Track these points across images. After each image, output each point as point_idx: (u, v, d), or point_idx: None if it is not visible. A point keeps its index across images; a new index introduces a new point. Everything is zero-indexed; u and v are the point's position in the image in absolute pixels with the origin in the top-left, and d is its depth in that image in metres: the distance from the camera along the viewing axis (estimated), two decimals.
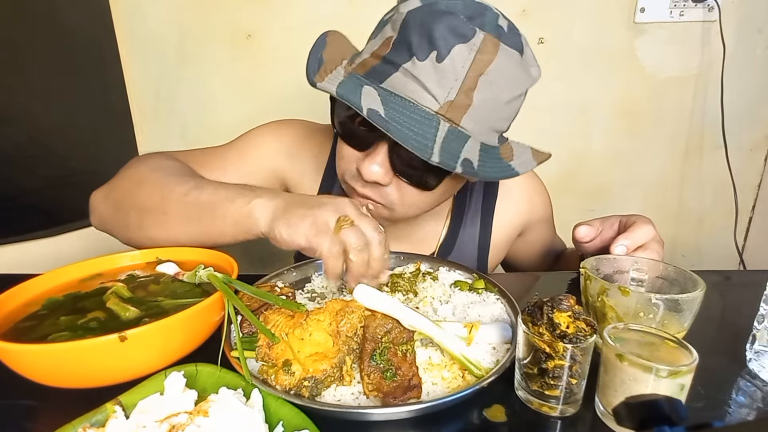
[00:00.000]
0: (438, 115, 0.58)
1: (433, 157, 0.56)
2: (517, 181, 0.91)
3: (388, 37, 0.61)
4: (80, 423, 0.41)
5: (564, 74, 1.44)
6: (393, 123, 0.55)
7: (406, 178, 0.65)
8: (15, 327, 0.50)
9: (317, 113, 1.52)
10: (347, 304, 0.52)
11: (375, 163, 0.63)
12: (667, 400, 0.28)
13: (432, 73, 0.57)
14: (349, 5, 1.38)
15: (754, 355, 0.53)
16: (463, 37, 0.56)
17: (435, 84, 0.57)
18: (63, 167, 1.29)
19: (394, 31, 0.60)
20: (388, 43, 0.60)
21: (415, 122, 0.57)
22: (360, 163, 0.65)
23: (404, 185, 0.66)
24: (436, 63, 0.56)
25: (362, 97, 0.56)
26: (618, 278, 0.61)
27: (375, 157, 0.63)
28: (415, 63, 0.57)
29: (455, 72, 0.57)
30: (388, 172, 0.64)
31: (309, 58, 0.63)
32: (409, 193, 0.67)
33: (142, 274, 0.62)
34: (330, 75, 0.61)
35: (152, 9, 1.40)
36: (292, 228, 0.55)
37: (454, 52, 0.56)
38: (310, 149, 0.87)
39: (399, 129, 0.55)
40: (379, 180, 0.64)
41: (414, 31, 0.57)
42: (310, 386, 0.44)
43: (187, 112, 1.51)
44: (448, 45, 0.56)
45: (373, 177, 0.63)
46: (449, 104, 0.58)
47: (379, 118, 0.55)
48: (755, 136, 1.51)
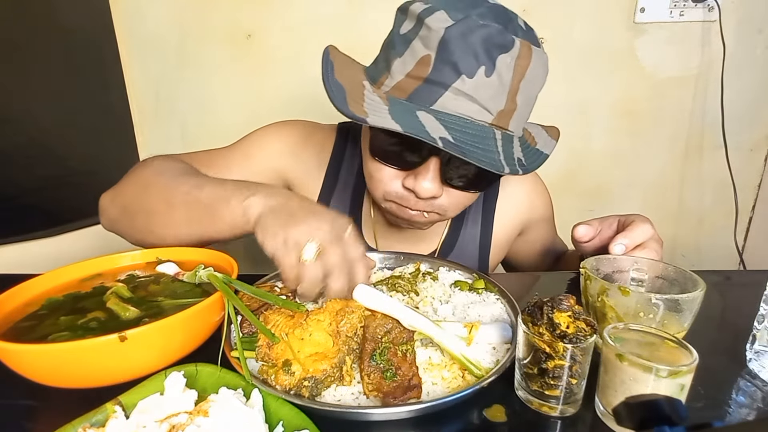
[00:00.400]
0: (492, 126, 0.61)
1: (504, 169, 0.59)
2: (518, 181, 0.91)
3: (424, 56, 0.59)
4: (80, 423, 0.41)
5: (564, 74, 1.44)
6: (463, 146, 0.57)
7: (457, 187, 0.68)
8: (15, 327, 0.50)
9: (317, 113, 1.52)
10: (347, 304, 0.52)
11: (427, 180, 0.65)
12: (667, 400, 0.28)
13: (483, 89, 0.58)
14: (349, 5, 1.38)
15: (754, 355, 0.53)
16: (504, 47, 0.58)
17: (488, 99, 0.59)
18: (63, 167, 1.29)
19: (430, 49, 0.58)
20: (426, 62, 0.59)
21: (478, 139, 0.59)
22: (410, 182, 0.67)
23: (453, 192, 0.69)
24: (485, 78, 0.58)
25: (425, 124, 0.57)
26: (618, 278, 0.61)
27: (427, 174, 0.65)
28: (464, 81, 0.58)
29: (502, 83, 0.59)
30: (440, 185, 0.66)
31: (327, 84, 0.61)
32: (459, 197, 0.70)
33: (142, 274, 0.62)
34: (366, 103, 0.60)
35: (152, 9, 1.40)
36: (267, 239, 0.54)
37: (499, 64, 0.58)
38: (312, 148, 0.87)
39: (472, 151, 0.57)
40: (435, 194, 0.66)
41: (457, 48, 0.57)
42: (310, 386, 0.44)
43: (187, 112, 1.51)
44: (493, 58, 0.58)
45: (430, 193, 0.65)
46: (500, 113, 0.61)
47: (453, 145, 0.56)
48: (755, 136, 1.51)
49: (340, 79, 0.62)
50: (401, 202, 0.70)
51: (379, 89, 0.64)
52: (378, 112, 0.59)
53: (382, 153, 0.67)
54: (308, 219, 0.53)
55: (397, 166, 0.68)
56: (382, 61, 0.66)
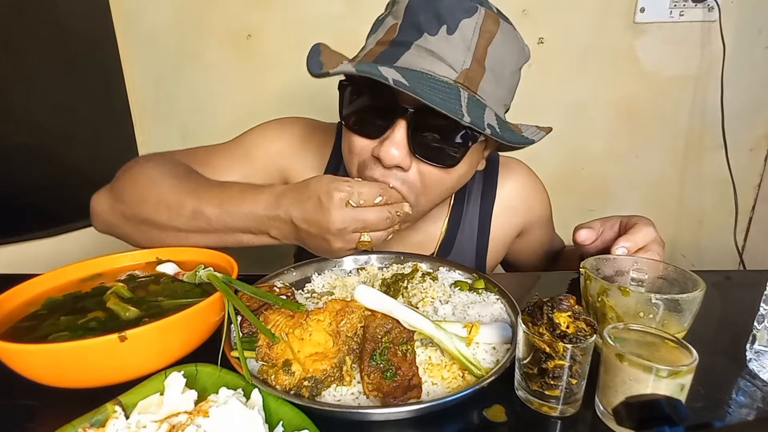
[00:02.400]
0: (457, 84, 0.60)
1: (465, 117, 0.57)
2: (516, 183, 0.91)
3: (392, 24, 0.63)
4: (80, 423, 0.41)
5: (564, 74, 1.44)
6: (419, 90, 0.56)
7: (426, 158, 0.64)
8: (15, 327, 0.50)
9: (317, 113, 1.52)
10: (347, 304, 0.52)
11: (393, 145, 0.62)
12: (667, 400, 0.28)
13: (445, 45, 0.60)
14: (348, 5, 1.38)
15: (754, 355, 0.53)
16: (468, 11, 0.60)
17: (449, 53, 0.60)
18: (63, 167, 1.29)
19: (397, 18, 0.62)
20: (393, 29, 0.62)
21: (439, 90, 0.58)
22: (377, 149, 0.64)
23: (425, 167, 0.66)
24: (447, 35, 0.59)
25: (384, 73, 0.56)
26: (618, 278, 0.61)
27: (393, 139, 0.62)
28: (426, 38, 0.60)
29: (466, 42, 0.60)
30: (407, 154, 0.64)
31: (309, 61, 0.62)
32: (430, 174, 0.66)
33: (142, 274, 0.62)
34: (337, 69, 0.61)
35: (152, 9, 1.40)
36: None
37: (463, 25, 0.60)
38: (312, 147, 0.87)
39: (427, 94, 0.56)
40: (400, 162, 0.63)
41: (420, 10, 0.60)
42: (310, 386, 0.44)
43: (187, 112, 1.51)
44: (456, 19, 0.59)
45: (394, 160, 0.63)
46: (465, 72, 0.60)
47: (405, 86, 0.55)
48: (755, 136, 1.51)
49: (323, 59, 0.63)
50: (369, 173, 0.66)
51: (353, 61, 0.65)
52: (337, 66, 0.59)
53: (352, 121, 0.67)
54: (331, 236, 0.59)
55: (366, 134, 0.66)
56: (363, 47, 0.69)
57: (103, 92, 1.39)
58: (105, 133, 1.40)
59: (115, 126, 1.45)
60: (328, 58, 0.64)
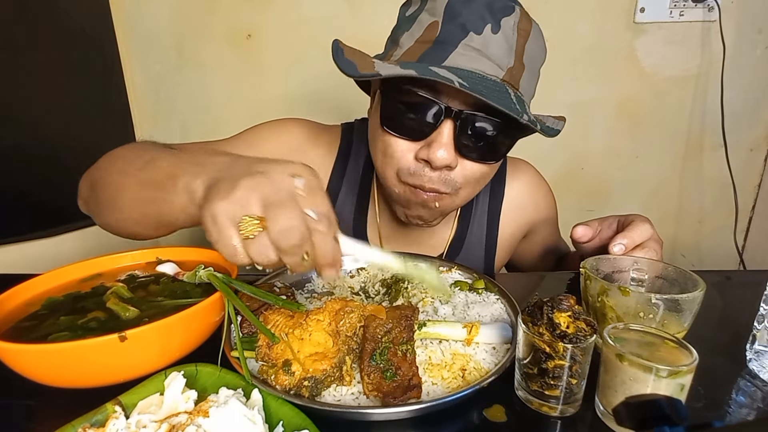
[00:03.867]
0: (504, 83, 0.61)
1: (523, 116, 0.59)
2: (524, 182, 0.91)
3: (431, 22, 0.62)
4: (80, 423, 0.41)
5: (564, 74, 1.44)
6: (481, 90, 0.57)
7: (472, 156, 0.66)
8: (15, 327, 0.50)
9: (317, 113, 1.52)
10: (347, 304, 0.52)
11: (442, 147, 0.63)
12: (667, 400, 0.28)
13: (492, 45, 0.60)
14: (349, 5, 1.38)
15: (754, 355, 0.53)
16: (506, 10, 0.62)
17: (496, 52, 0.61)
18: (63, 167, 1.28)
19: (437, 16, 0.62)
20: (434, 27, 0.62)
21: (493, 90, 0.58)
22: (424, 152, 0.64)
23: (468, 164, 0.67)
24: (493, 35, 0.60)
25: (440, 74, 0.56)
26: (618, 278, 0.61)
27: (441, 140, 0.63)
28: (473, 37, 0.60)
29: (508, 41, 0.61)
30: (454, 153, 0.64)
31: (338, 61, 0.61)
32: (474, 171, 0.68)
33: (142, 274, 0.62)
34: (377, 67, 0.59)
35: (152, 9, 1.40)
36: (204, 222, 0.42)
37: (504, 23, 0.61)
38: (317, 149, 0.86)
39: (489, 94, 0.56)
40: (450, 163, 0.64)
41: (463, 9, 0.61)
42: (310, 386, 0.44)
43: (187, 112, 1.51)
44: (497, 17, 0.61)
45: (445, 162, 0.63)
46: (510, 71, 0.62)
47: (468, 88, 0.56)
48: (755, 136, 1.51)
49: (350, 58, 0.62)
50: (414, 180, 0.66)
51: (389, 60, 0.65)
52: (389, 68, 0.58)
53: (394, 124, 0.66)
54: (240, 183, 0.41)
55: (410, 137, 0.66)
56: (390, 43, 0.69)
57: (103, 92, 1.39)
58: (105, 133, 1.39)
59: (115, 126, 1.45)
60: (355, 57, 0.63)
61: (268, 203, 0.41)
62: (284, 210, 0.40)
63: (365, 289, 0.67)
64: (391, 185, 0.71)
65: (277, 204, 0.41)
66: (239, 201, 0.41)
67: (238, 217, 0.40)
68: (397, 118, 0.65)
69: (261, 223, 0.40)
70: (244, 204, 0.41)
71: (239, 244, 0.41)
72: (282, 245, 0.40)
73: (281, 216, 0.40)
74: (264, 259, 0.41)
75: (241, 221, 0.40)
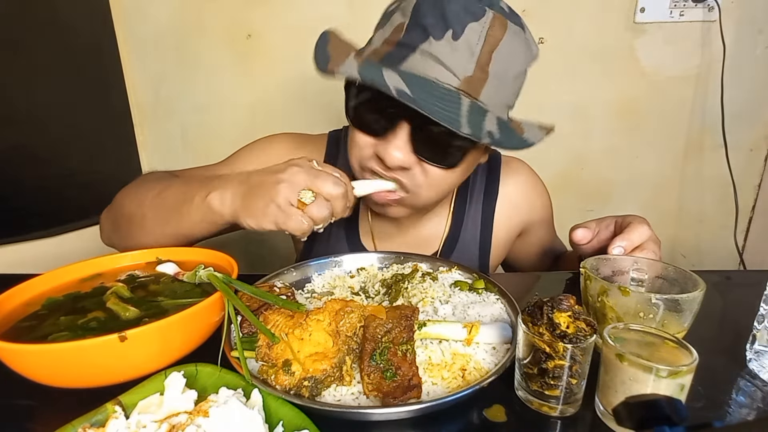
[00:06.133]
0: (459, 92, 0.60)
1: (463, 128, 0.57)
2: (518, 181, 0.91)
3: (399, 23, 0.62)
4: (80, 423, 0.41)
5: (564, 74, 1.44)
6: (420, 100, 0.56)
7: (428, 159, 0.66)
8: (15, 327, 0.51)
9: (317, 113, 1.52)
10: (347, 304, 0.52)
11: (396, 148, 0.64)
12: (667, 400, 0.28)
13: (450, 51, 0.59)
14: (349, 5, 1.38)
15: (754, 355, 0.53)
16: (475, 15, 0.59)
17: (453, 61, 0.59)
18: (63, 167, 1.28)
19: (405, 16, 0.62)
20: (400, 29, 0.62)
21: (440, 99, 0.58)
22: (380, 149, 0.65)
23: (428, 166, 0.67)
24: (453, 41, 0.59)
25: (386, 78, 0.57)
26: (618, 278, 0.61)
27: (396, 141, 0.64)
28: (431, 43, 0.59)
29: (471, 48, 0.59)
30: (409, 154, 0.65)
31: (315, 53, 0.63)
32: (434, 173, 0.68)
33: (142, 274, 0.62)
34: (343, 65, 0.61)
35: (152, 9, 1.40)
36: (259, 219, 0.57)
37: (468, 30, 0.59)
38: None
39: (427, 104, 0.56)
40: (403, 164, 0.65)
41: (428, 12, 0.60)
42: (310, 386, 0.44)
43: (187, 112, 1.51)
44: (462, 23, 0.59)
45: (397, 162, 0.64)
46: (468, 80, 0.60)
47: (408, 97, 0.56)
48: (755, 136, 1.51)
49: (330, 51, 0.64)
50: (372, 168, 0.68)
51: (360, 57, 0.65)
52: (349, 68, 0.60)
53: (357, 118, 0.68)
54: (280, 180, 0.57)
55: (369, 132, 0.67)
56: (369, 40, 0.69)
57: (103, 92, 1.39)
58: (105, 133, 1.40)
59: (115, 126, 1.45)
60: (336, 49, 0.64)
61: (308, 178, 0.57)
62: (322, 175, 0.58)
63: (365, 289, 0.67)
64: (357, 175, 0.73)
65: (314, 175, 0.57)
66: (289, 186, 0.56)
67: (293, 197, 0.56)
68: (359, 113, 0.67)
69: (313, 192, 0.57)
70: (294, 185, 0.56)
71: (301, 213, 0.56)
72: (333, 194, 0.57)
73: (323, 180, 0.57)
74: (322, 214, 0.57)
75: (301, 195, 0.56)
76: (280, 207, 0.56)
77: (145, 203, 0.69)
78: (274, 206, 0.56)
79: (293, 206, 0.56)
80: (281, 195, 0.56)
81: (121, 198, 0.75)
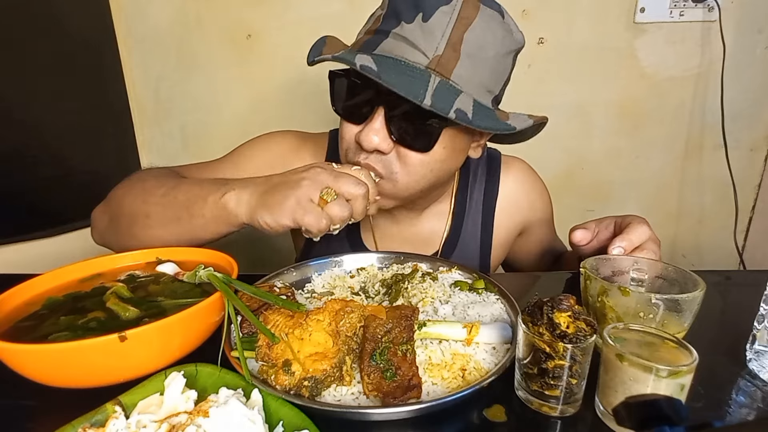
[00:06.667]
0: (429, 70, 0.61)
1: (425, 101, 0.58)
2: (518, 180, 0.91)
3: (378, 15, 0.66)
4: (80, 423, 0.41)
5: (564, 74, 1.44)
6: (384, 75, 0.58)
7: (403, 141, 0.66)
8: (15, 327, 0.50)
9: (317, 112, 1.52)
10: (347, 304, 0.52)
11: (372, 132, 0.65)
12: (667, 400, 0.28)
13: (419, 32, 0.61)
14: (349, 5, 1.38)
15: (754, 355, 0.53)
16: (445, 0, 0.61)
17: (423, 40, 0.61)
18: (63, 167, 1.29)
19: (383, 8, 0.65)
20: (378, 19, 0.65)
21: (407, 76, 0.60)
22: (358, 135, 0.67)
23: (404, 151, 0.67)
24: (423, 23, 0.61)
25: (356, 59, 0.59)
26: (618, 278, 0.61)
27: (372, 124, 0.65)
28: (403, 26, 0.62)
29: (441, 28, 0.61)
30: (386, 138, 0.65)
31: (310, 52, 0.67)
32: (411, 158, 0.68)
33: (142, 274, 0.62)
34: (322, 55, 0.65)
35: (152, 9, 1.40)
36: (276, 213, 0.56)
37: (439, 12, 0.61)
38: (302, 159, 0.88)
39: (389, 77, 0.58)
40: (378, 146, 0.65)
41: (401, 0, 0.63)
42: (310, 386, 0.44)
43: (187, 112, 1.51)
44: (433, 7, 0.61)
45: (372, 144, 0.65)
46: (438, 59, 0.61)
47: (372, 71, 0.58)
48: (755, 136, 1.51)
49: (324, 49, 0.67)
50: (355, 158, 0.69)
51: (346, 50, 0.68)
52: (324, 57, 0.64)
53: (340, 108, 0.70)
54: (302, 178, 0.57)
55: (352, 120, 0.69)
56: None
57: (103, 92, 1.39)
58: (105, 133, 1.40)
59: (115, 126, 1.45)
60: (329, 47, 0.67)
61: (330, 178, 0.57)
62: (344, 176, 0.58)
63: (365, 289, 0.67)
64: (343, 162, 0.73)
65: (335, 175, 0.58)
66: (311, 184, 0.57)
67: (315, 194, 0.56)
68: (341, 103, 0.69)
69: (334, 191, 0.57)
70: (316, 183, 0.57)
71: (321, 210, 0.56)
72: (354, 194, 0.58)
73: (345, 180, 0.58)
74: (343, 213, 0.57)
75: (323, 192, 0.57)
76: (300, 202, 0.55)
77: (150, 201, 0.68)
78: (294, 200, 0.56)
79: (313, 203, 0.56)
80: (302, 190, 0.56)
81: (120, 195, 0.73)
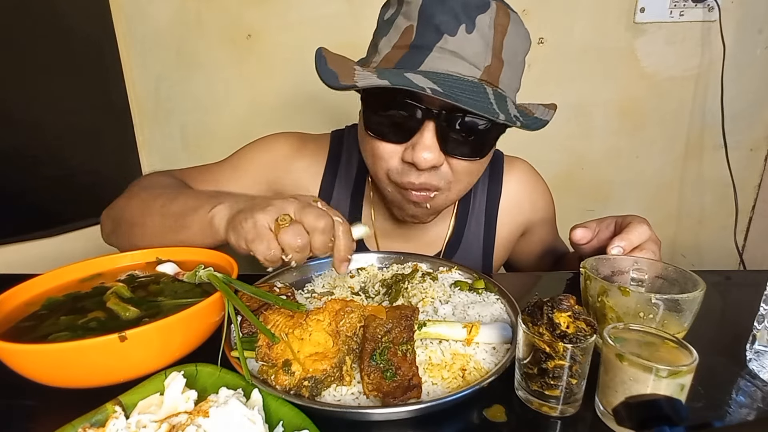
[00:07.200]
0: (482, 82, 0.61)
1: (500, 116, 0.59)
2: (521, 180, 0.91)
3: (407, 26, 0.63)
4: (80, 423, 0.41)
5: (564, 74, 1.44)
6: (454, 95, 0.57)
7: (457, 154, 0.66)
8: (15, 327, 0.50)
9: (317, 112, 1.52)
10: (347, 304, 0.52)
11: (426, 149, 0.64)
12: (667, 400, 0.28)
13: (467, 46, 0.60)
14: (349, 5, 1.38)
15: (754, 355, 0.53)
16: (481, 7, 0.61)
17: (473, 55, 0.61)
18: (63, 167, 1.28)
19: (412, 20, 0.62)
20: (410, 32, 0.62)
21: (469, 91, 0.59)
22: (409, 154, 0.66)
23: (455, 161, 0.67)
24: (467, 34, 0.60)
25: (413, 80, 0.57)
26: (618, 278, 0.61)
27: (423, 143, 0.64)
28: (447, 39, 0.60)
29: (485, 38, 0.61)
30: (439, 153, 0.65)
31: (319, 72, 0.62)
32: (461, 167, 0.68)
33: (142, 274, 0.62)
34: (359, 77, 0.61)
35: (152, 9, 1.40)
36: (237, 233, 0.54)
37: (479, 22, 0.61)
38: (302, 160, 0.88)
39: (463, 99, 0.57)
40: (435, 163, 0.65)
41: (437, 11, 0.60)
42: (310, 386, 0.44)
43: (187, 112, 1.51)
44: (472, 17, 0.60)
45: (429, 162, 0.64)
46: (487, 69, 0.62)
47: (443, 94, 0.56)
48: (755, 136, 1.51)
49: (332, 67, 0.63)
50: (404, 178, 0.68)
51: (368, 67, 0.66)
52: (366, 78, 0.59)
53: (378, 129, 0.67)
54: (270, 204, 0.53)
55: (394, 140, 0.67)
56: (371, 47, 0.69)
57: (103, 92, 1.39)
58: (105, 133, 1.40)
59: (115, 126, 1.45)
60: (337, 65, 0.64)
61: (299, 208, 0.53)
62: (313, 208, 0.53)
63: (365, 289, 0.67)
64: (384, 186, 0.73)
65: (306, 206, 0.53)
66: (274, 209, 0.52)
67: (272, 220, 0.52)
68: (380, 123, 0.67)
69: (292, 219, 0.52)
70: (279, 210, 0.52)
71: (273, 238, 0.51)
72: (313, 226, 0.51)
73: (311, 211, 0.52)
74: (293, 241, 0.51)
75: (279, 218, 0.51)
76: (255, 225, 0.52)
77: (147, 212, 0.69)
78: (251, 224, 0.52)
79: (268, 229, 0.52)
80: (262, 215, 0.52)
81: (123, 204, 0.75)
